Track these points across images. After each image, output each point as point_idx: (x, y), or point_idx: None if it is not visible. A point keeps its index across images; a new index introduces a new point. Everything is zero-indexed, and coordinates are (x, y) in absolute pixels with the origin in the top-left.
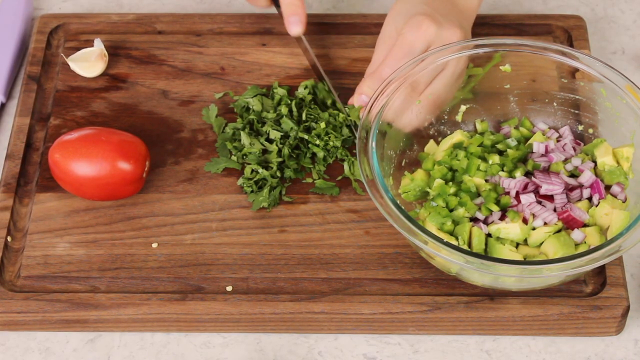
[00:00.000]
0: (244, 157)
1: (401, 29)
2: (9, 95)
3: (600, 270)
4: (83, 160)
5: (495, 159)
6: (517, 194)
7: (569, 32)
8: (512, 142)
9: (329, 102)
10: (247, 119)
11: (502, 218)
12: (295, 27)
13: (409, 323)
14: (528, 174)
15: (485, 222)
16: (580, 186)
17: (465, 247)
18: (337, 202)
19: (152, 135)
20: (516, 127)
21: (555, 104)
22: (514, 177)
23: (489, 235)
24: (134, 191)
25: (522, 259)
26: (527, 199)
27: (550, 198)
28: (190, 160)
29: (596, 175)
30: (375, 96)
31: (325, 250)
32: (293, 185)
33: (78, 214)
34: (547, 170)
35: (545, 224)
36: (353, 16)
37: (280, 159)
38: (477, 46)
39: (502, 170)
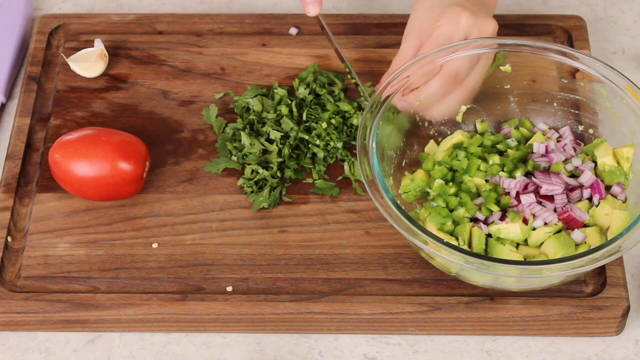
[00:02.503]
0: (244, 157)
1: (435, 21)
2: (9, 95)
3: (601, 271)
4: (83, 161)
5: (495, 159)
6: (517, 194)
7: (569, 32)
8: (512, 142)
9: (332, 90)
10: (248, 119)
11: (503, 218)
12: (312, 7)
13: (409, 323)
14: (528, 174)
15: (486, 222)
16: (581, 186)
17: (466, 247)
18: (337, 202)
19: (152, 135)
20: (516, 127)
21: (555, 104)
22: (514, 178)
23: (489, 235)
24: (134, 191)
25: (522, 259)
26: (527, 199)
27: (550, 198)
28: (191, 161)
29: (596, 175)
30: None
31: (325, 251)
32: (293, 185)
33: (78, 214)
34: (547, 171)
35: (545, 224)
36: (353, 16)
37: (280, 159)
38: (477, 46)
39: (502, 171)
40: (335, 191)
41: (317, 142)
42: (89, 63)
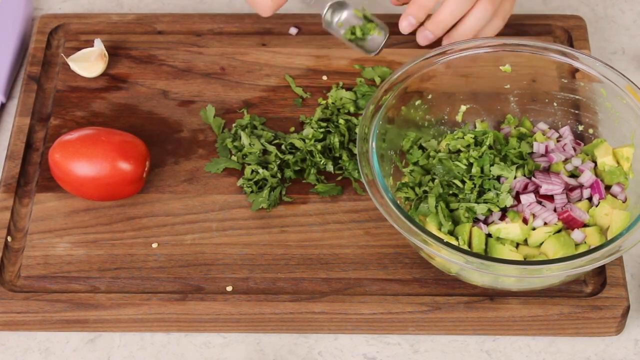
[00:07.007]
0: (244, 157)
1: None
2: (9, 95)
3: (600, 271)
4: (83, 161)
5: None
6: (517, 194)
7: (569, 32)
8: None
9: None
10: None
11: (502, 218)
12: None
13: (409, 323)
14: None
15: (486, 222)
16: (581, 186)
17: (465, 247)
18: (337, 202)
19: (152, 135)
20: (516, 127)
21: (555, 104)
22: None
23: (489, 235)
24: (134, 191)
25: (522, 259)
26: (527, 199)
27: (550, 198)
28: (190, 160)
29: (596, 175)
30: (377, 97)
31: (325, 251)
32: (293, 185)
33: (78, 214)
34: (547, 171)
35: (545, 224)
36: None
37: (280, 160)
38: (477, 46)
39: None
40: (338, 190)
41: (323, 160)
42: (89, 63)
